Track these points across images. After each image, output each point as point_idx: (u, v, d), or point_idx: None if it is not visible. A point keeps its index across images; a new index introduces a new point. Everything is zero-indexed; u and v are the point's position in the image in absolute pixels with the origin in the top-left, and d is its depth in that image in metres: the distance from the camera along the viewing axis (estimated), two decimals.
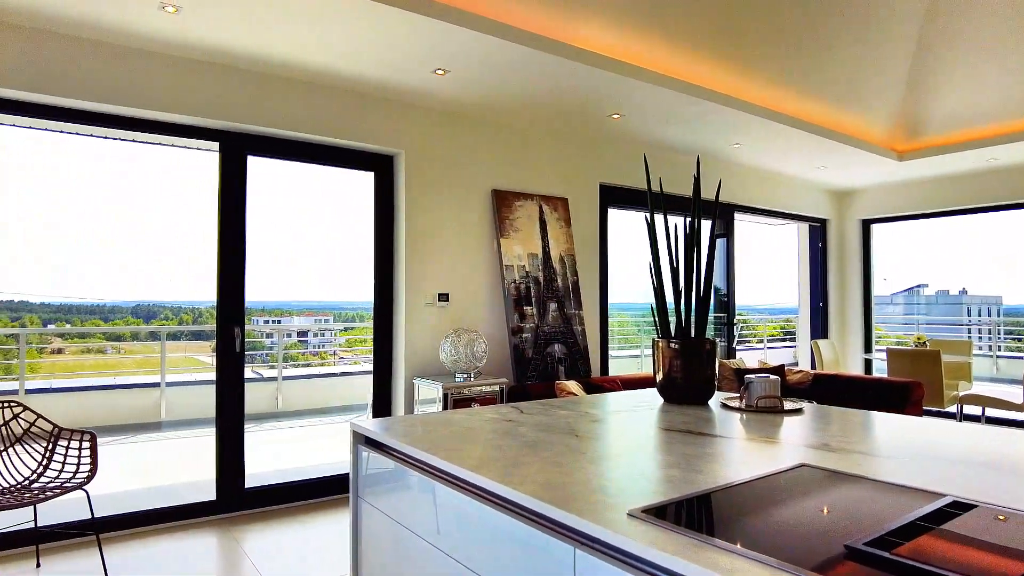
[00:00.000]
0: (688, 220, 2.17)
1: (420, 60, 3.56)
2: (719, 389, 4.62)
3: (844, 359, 7.49)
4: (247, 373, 3.89)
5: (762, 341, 10.39)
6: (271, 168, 4.10)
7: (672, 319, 2.14)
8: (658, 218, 2.24)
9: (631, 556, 0.95)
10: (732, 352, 6.41)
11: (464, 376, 4.12)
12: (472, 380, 4.09)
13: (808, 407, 2.03)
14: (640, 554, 0.91)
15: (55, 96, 3.20)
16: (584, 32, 3.64)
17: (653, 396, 2.26)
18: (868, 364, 7.36)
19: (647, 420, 1.84)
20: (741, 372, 5.16)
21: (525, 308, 4.59)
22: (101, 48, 3.30)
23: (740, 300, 6.58)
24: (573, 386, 4.20)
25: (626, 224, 5.66)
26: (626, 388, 4.62)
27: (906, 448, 1.48)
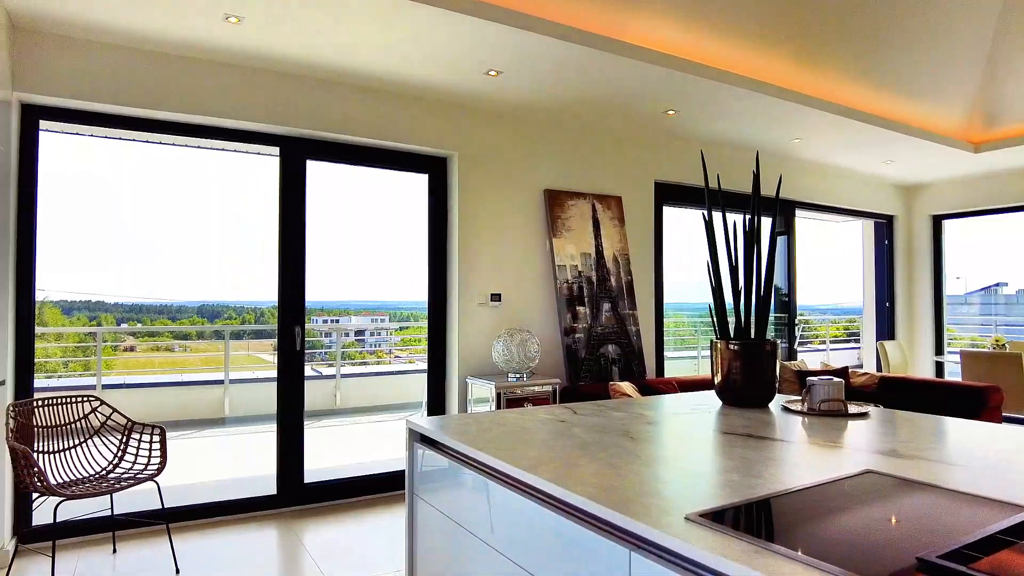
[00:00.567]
0: (747, 217, 2.11)
1: (474, 62, 3.59)
2: (779, 392, 4.49)
3: (913, 362, 7.17)
4: (307, 371, 3.99)
5: (824, 342, 10.05)
6: (329, 171, 4.20)
7: (731, 319, 2.09)
8: (716, 216, 2.19)
9: (688, 561, 0.93)
10: (793, 354, 6.22)
11: (516, 376, 4.12)
12: (525, 380, 4.10)
13: (874, 411, 1.95)
14: (697, 559, 0.89)
15: (127, 107, 3.36)
16: (638, 28, 3.59)
17: (711, 399, 2.21)
18: (940, 367, 7.02)
19: (705, 423, 1.80)
20: (802, 374, 5.00)
21: (578, 308, 4.57)
22: (168, 60, 3.45)
23: (801, 300, 6.37)
24: (627, 387, 4.15)
25: (682, 222, 5.56)
26: (683, 390, 4.54)
27: (983, 457, 1.40)
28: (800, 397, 2.04)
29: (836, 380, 1.94)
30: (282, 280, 3.87)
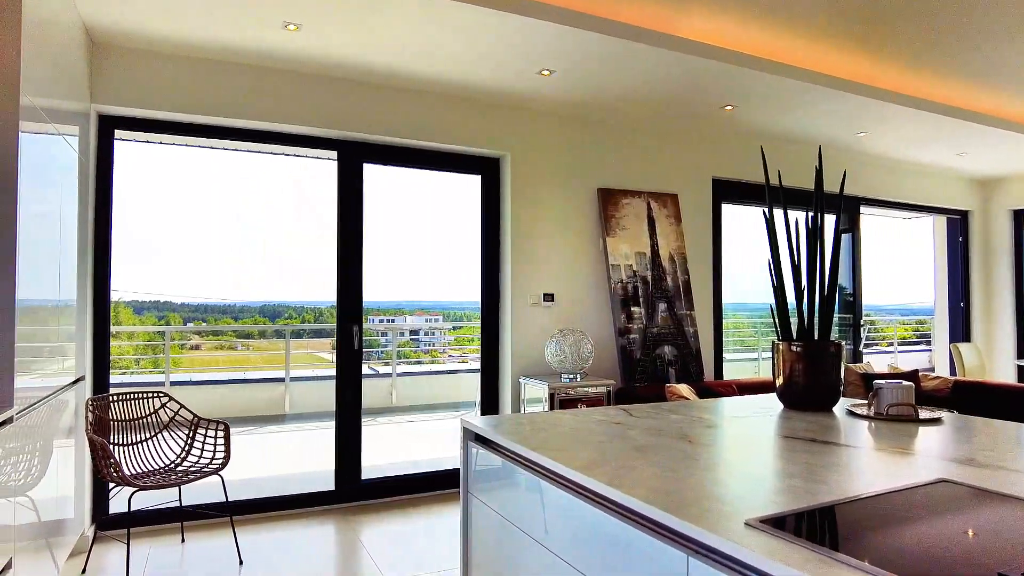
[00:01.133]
0: (810, 215, 2.04)
1: (526, 62, 3.59)
2: (844, 395, 4.33)
3: (991, 365, 6.79)
4: (364, 369, 4.07)
5: (892, 344, 9.63)
6: (384, 174, 4.27)
7: (793, 320, 2.02)
8: (777, 213, 2.12)
9: (749, 568, 0.90)
10: (858, 356, 5.98)
11: (570, 377, 4.10)
12: (578, 381, 4.07)
13: (948, 417, 1.85)
14: (759, 566, 0.86)
15: (193, 114, 3.50)
16: (693, 23, 3.52)
17: (772, 402, 2.14)
18: (1022, 372, 6.63)
19: (766, 426, 1.75)
20: (869, 377, 4.80)
21: (633, 308, 4.51)
22: (232, 68, 3.58)
23: (867, 300, 6.12)
24: (684, 390, 4.08)
25: (741, 220, 5.43)
26: (742, 393, 4.43)
27: None
28: (866, 401, 1.96)
29: (906, 383, 1.85)
30: (341, 281, 3.96)
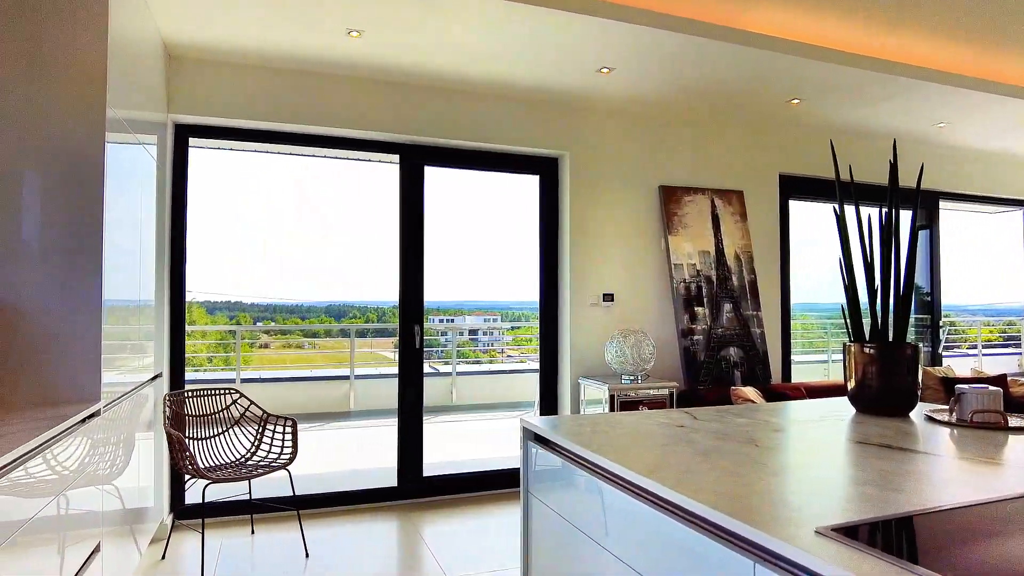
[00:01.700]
0: (883, 211, 1.95)
1: (585, 61, 3.56)
2: (922, 400, 4.12)
3: None
4: (425, 368, 4.13)
5: (975, 346, 9.10)
6: (444, 176, 4.32)
7: (866, 321, 1.93)
8: (848, 209, 2.04)
9: None
10: (937, 358, 5.68)
11: (631, 378, 4.05)
12: (639, 383, 4.01)
13: None
14: (830, 575, 0.83)
15: (261, 121, 3.63)
16: (756, 15, 3.42)
17: (843, 405, 2.06)
18: None
19: (837, 431, 1.68)
20: (949, 381, 4.55)
21: (696, 308, 4.42)
22: (295, 75, 3.69)
23: (948, 300, 5.81)
24: (751, 392, 3.97)
25: (810, 217, 5.24)
26: (811, 396, 4.27)
27: None
28: (947, 407, 1.86)
29: (992, 389, 1.74)
30: (402, 281, 4.03)
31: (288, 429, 3.30)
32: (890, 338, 1.91)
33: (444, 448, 5.75)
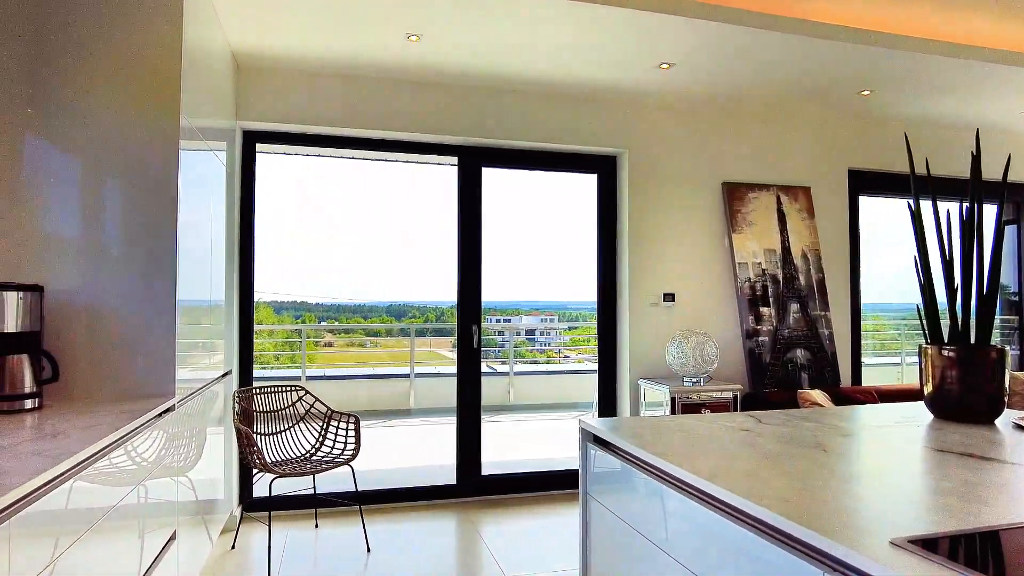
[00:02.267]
0: (964, 206, 1.84)
1: (644, 57, 3.51)
2: (1009, 406, 3.88)
3: None
4: (482, 368, 4.16)
5: None
6: (501, 176, 4.34)
7: (945, 322, 1.83)
8: (924, 204, 1.93)
9: None
10: None
11: (693, 380, 3.96)
12: (702, 385, 3.93)
13: None
14: None
15: (321, 127, 3.73)
16: (821, 5, 3.29)
17: (919, 411, 1.96)
18: None
19: (912, 438, 1.60)
20: None
21: (761, 309, 4.29)
22: (356, 81, 3.77)
23: None
24: (818, 396, 3.83)
25: (882, 213, 5.01)
26: (883, 401, 4.09)
27: None
28: None
29: None
30: (460, 282, 4.07)
31: (351, 426, 3.38)
32: (972, 340, 1.80)
33: (502, 448, 5.78)
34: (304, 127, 3.74)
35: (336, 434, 3.45)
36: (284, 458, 3.42)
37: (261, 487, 3.73)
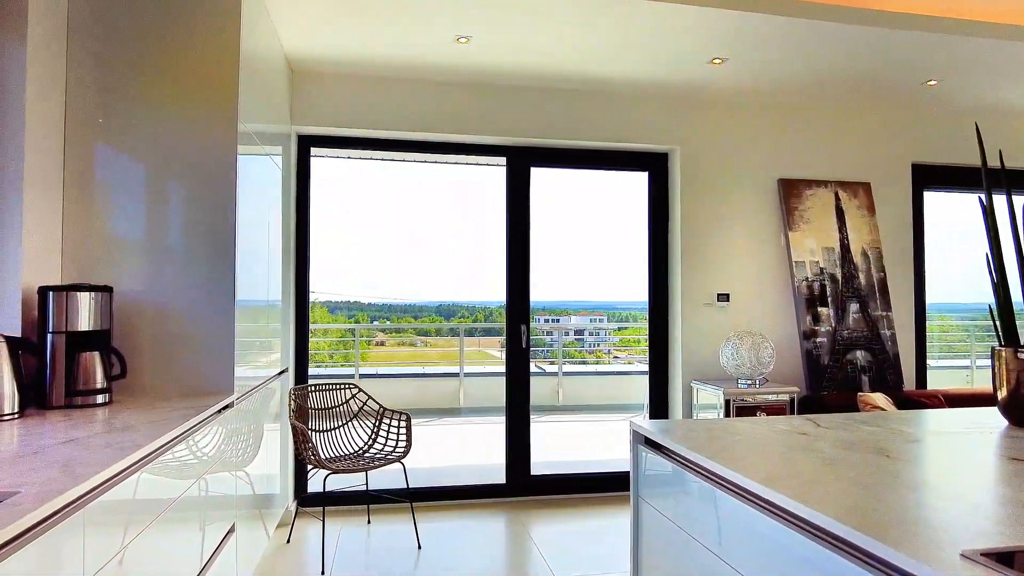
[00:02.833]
0: None
1: (696, 52, 3.45)
2: None
3: None
4: (531, 368, 4.16)
5: None
6: (550, 176, 4.32)
7: (1021, 322, 1.73)
8: (997, 199, 1.84)
9: None
10: None
11: (747, 382, 3.87)
12: (757, 387, 3.83)
13: None
14: None
15: (373, 130, 3.80)
16: None
17: (991, 417, 1.86)
18: None
19: (983, 445, 1.52)
20: None
21: (819, 309, 4.15)
22: (407, 84, 3.82)
23: None
24: (880, 399, 3.68)
25: (949, 208, 4.79)
26: (951, 405, 3.91)
27: None
28: None
29: None
30: (509, 282, 4.08)
31: (402, 423, 3.43)
32: None
33: (551, 448, 5.76)
34: (356, 131, 3.81)
35: (388, 431, 3.50)
36: (337, 454, 3.50)
37: (315, 483, 3.82)
